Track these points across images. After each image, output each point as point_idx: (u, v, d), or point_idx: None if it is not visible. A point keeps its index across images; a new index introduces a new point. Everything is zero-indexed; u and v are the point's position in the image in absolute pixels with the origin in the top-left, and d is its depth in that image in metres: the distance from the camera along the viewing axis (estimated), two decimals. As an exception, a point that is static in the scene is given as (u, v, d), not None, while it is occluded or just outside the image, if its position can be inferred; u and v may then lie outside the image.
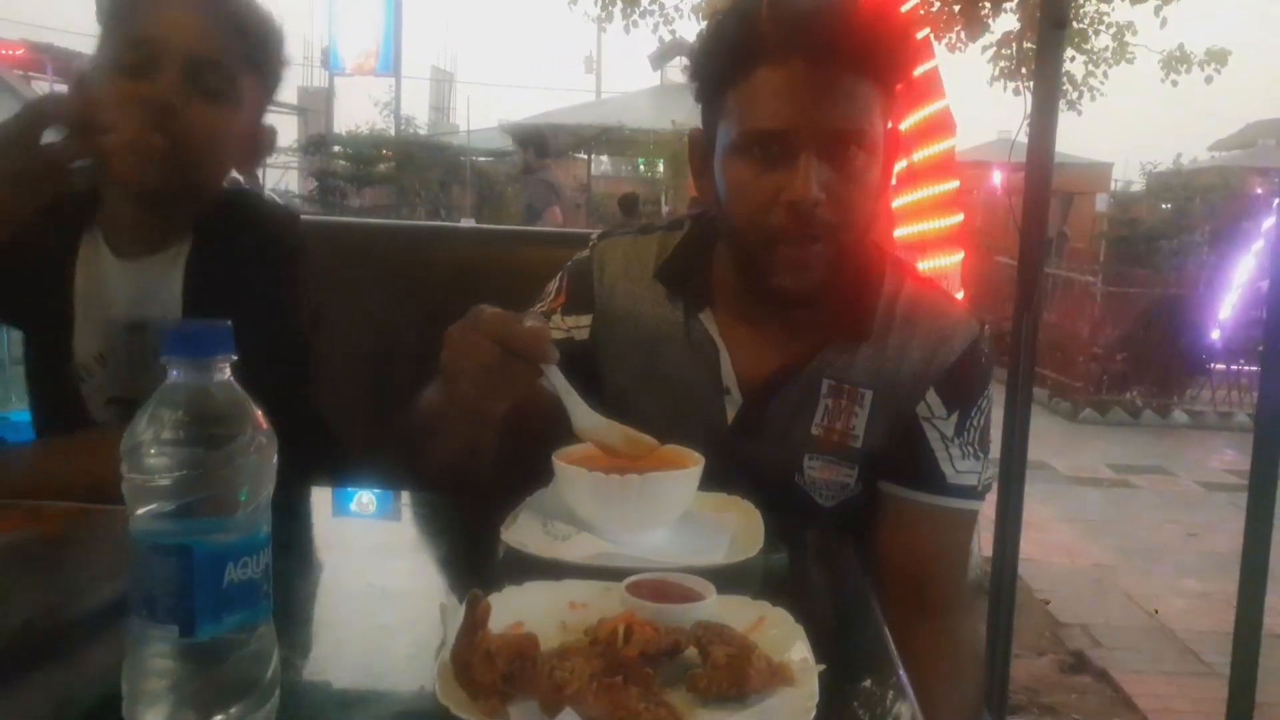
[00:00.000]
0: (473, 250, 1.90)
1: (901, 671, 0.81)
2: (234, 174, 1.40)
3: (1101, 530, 5.02)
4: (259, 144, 1.37)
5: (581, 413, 1.07)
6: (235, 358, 0.64)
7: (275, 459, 0.65)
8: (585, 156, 16.78)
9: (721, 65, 1.15)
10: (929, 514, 1.21)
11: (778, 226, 1.13)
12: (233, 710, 0.64)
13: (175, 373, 0.63)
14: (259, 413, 0.65)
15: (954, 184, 3.02)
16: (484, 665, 0.70)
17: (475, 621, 0.72)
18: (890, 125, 1.18)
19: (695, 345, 1.25)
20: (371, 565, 1.04)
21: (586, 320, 1.28)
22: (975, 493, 1.23)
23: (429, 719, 0.69)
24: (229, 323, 0.64)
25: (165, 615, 0.62)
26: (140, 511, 0.62)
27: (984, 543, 2.89)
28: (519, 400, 1.06)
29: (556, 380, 1.05)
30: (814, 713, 0.70)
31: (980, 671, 1.46)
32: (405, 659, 0.79)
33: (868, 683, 0.80)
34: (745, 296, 1.23)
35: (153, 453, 0.62)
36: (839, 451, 1.22)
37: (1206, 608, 3.87)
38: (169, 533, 0.62)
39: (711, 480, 1.06)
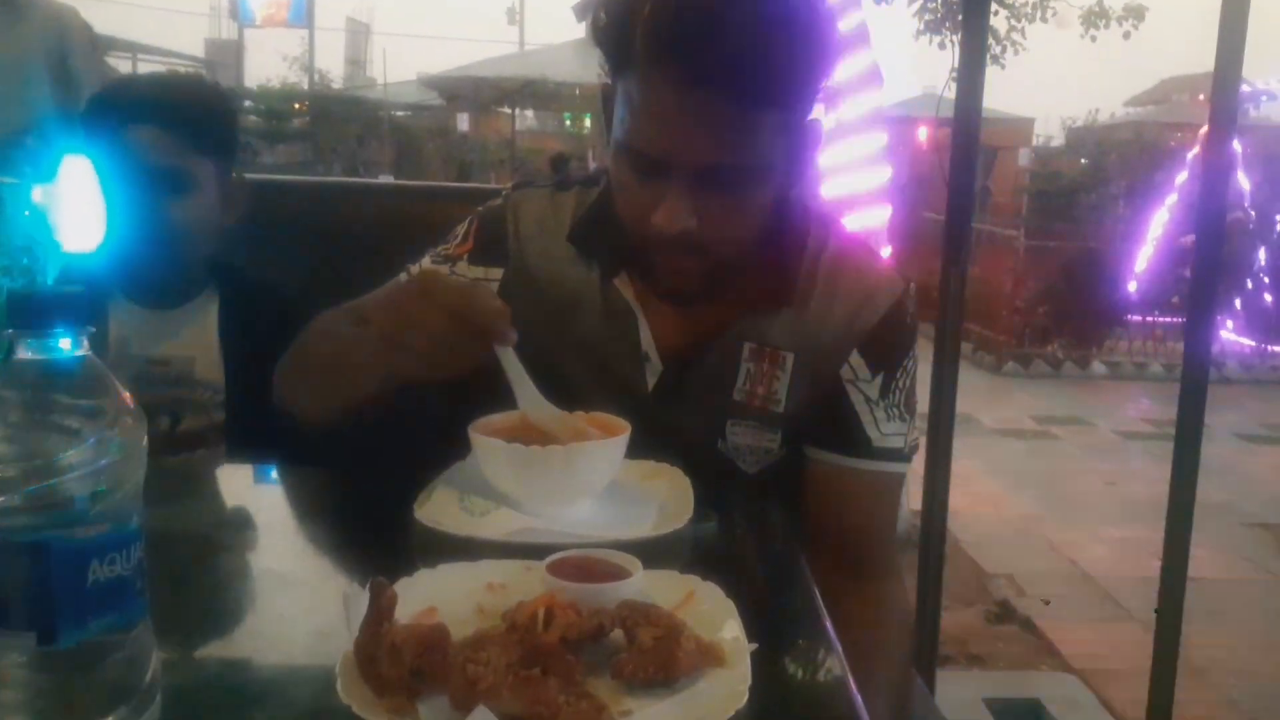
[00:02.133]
0: (391, 207, 1.83)
1: (839, 648, 0.77)
2: None
3: (1025, 481, 5.11)
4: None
5: (533, 401, 1.00)
6: (93, 329, 0.57)
7: (144, 441, 0.58)
8: (509, 111, 16.37)
9: (608, 47, 1.05)
10: (855, 478, 1.19)
11: (652, 237, 1.06)
12: (106, 721, 0.57)
13: (22, 347, 0.56)
14: (124, 392, 0.58)
15: (881, 138, 3.00)
16: (390, 659, 0.64)
17: (380, 612, 0.66)
18: (803, 123, 1.07)
19: (612, 311, 1.19)
20: (269, 548, 0.98)
21: (497, 274, 1.21)
22: (902, 455, 1.20)
23: (332, 718, 0.63)
24: (84, 290, 0.56)
25: (20, 621, 0.56)
26: (-14, 505, 0.55)
27: (912, 496, 2.92)
28: (458, 377, 0.97)
29: (509, 363, 0.98)
30: (746, 696, 0.66)
31: (910, 634, 1.44)
32: (306, 653, 0.73)
33: (803, 661, 0.76)
34: None
35: (-2, 439, 0.55)
36: (761, 416, 1.18)
37: (1125, 554, 3.97)
38: (20, 529, 0.55)
39: (632, 449, 1.02)
